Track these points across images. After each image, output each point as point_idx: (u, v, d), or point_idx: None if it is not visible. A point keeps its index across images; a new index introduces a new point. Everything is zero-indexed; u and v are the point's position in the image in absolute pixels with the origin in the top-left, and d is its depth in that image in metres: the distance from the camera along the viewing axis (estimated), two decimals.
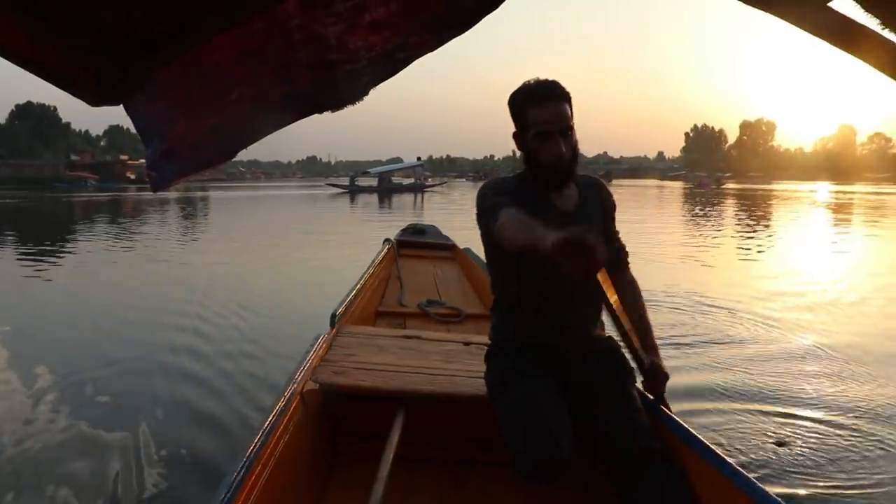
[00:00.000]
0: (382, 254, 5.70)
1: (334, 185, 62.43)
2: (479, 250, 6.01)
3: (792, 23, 1.55)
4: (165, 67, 1.37)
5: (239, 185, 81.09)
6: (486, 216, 2.22)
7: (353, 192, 53.70)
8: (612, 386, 2.27)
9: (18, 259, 13.36)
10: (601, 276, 1.88)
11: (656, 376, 2.30)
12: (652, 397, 2.33)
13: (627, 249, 2.54)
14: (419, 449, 2.56)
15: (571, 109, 2.28)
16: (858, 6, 1.49)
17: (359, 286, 4.24)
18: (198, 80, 1.45)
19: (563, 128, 2.22)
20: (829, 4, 1.52)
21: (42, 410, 4.47)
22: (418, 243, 6.81)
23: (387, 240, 6.40)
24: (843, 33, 1.52)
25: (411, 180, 63.11)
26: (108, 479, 3.51)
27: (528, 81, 2.27)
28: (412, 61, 1.59)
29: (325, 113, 1.60)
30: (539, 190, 2.32)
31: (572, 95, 2.27)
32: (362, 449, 2.53)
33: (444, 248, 6.82)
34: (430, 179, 68.22)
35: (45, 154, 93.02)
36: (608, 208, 2.49)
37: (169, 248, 14.75)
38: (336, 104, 1.56)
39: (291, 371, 2.59)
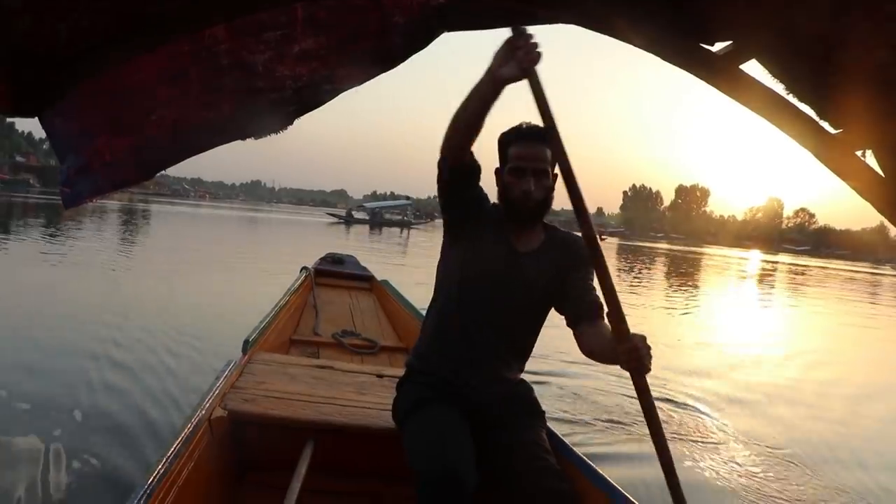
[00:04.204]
0: (299, 281, 5.64)
1: (332, 215, 72.96)
2: (398, 284, 6.14)
3: (703, 79, 1.65)
4: (86, 83, 1.37)
5: (186, 203, 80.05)
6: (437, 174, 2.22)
7: (349, 222, 60.44)
8: (520, 427, 2.28)
9: None
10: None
11: (633, 338, 1.85)
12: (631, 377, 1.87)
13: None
14: (327, 481, 2.52)
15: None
16: (766, 71, 1.59)
17: (273, 313, 4.19)
18: (119, 98, 1.44)
19: (539, 168, 2.22)
20: (741, 67, 1.62)
21: None
22: (336, 273, 6.77)
23: (304, 268, 6.34)
24: (753, 95, 1.62)
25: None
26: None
27: (522, 123, 2.30)
28: (338, 94, 1.61)
29: (248, 140, 1.60)
30: (504, 224, 2.33)
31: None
32: (269, 479, 2.47)
33: (361, 279, 6.78)
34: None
35: None
36: (575, 262, 2.34)
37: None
38: (259, 131, 1.57)
39: (200, 396, 2.54)
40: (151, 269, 13.41)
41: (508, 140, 2.28)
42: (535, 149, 2.24)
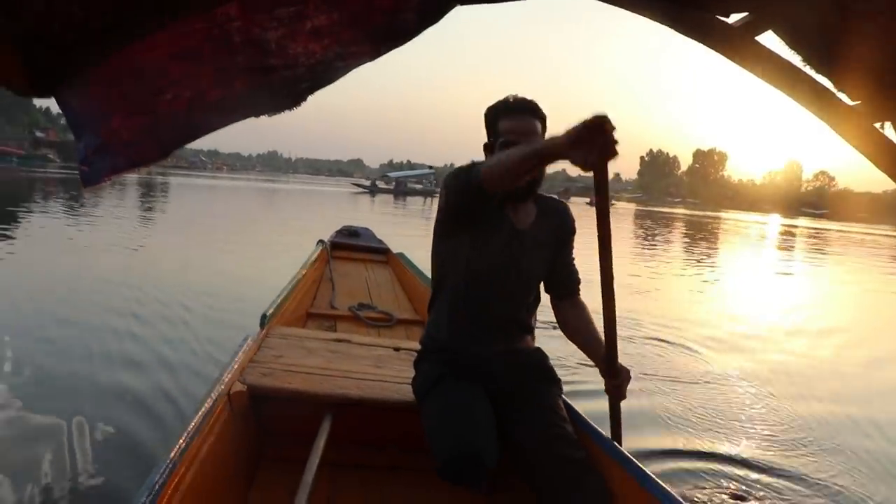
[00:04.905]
0: (315, 255, 5.66)
1: (358, 185, 75.04)
2: (414, 256, 6.14)
3: (719, 51, 1.63)
4: (101, 62, 1.37)
5: (204, 175, 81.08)
6: (463, 173, 2.14)
7: (373, 192, 62.87)
8: (537, 395, 2.32)
9: None
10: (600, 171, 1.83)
11: (620, 374, 2.26)
12: (609, 400, 2.31)
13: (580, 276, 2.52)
14: (345, 453, 2.56)
15: (544, 130, 2.26)
16: (783, 42, 1.58)
17: (290, 287, 4.21)
18: (133, 77, 1.45)
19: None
20: (757, 39, 1.60)
21: None
22: (352, 245, 6.77)
23: (320, 241, 6.35)
24: (769, 67, 1.60)
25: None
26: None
27: (508, 96, 2.31)
28: (350, 70, 1.61)
29: (261, 117, 1.61)
30: (498, 202, 2.31)
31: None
32: (288, 452, 2.51)
33: (377, 252, 6.79)
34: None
35: (6, 129, 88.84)
36: (565, 233, 2.46)
37: None
38: (273, 109, 1.57)
39: (219, 371, 2.57)
40: (172, 242, 13.53)
41: (497, 114, 2.27)
42: (526, 121, 2.24)
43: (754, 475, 4.11)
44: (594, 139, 1.66)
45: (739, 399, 5.63)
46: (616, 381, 2.24)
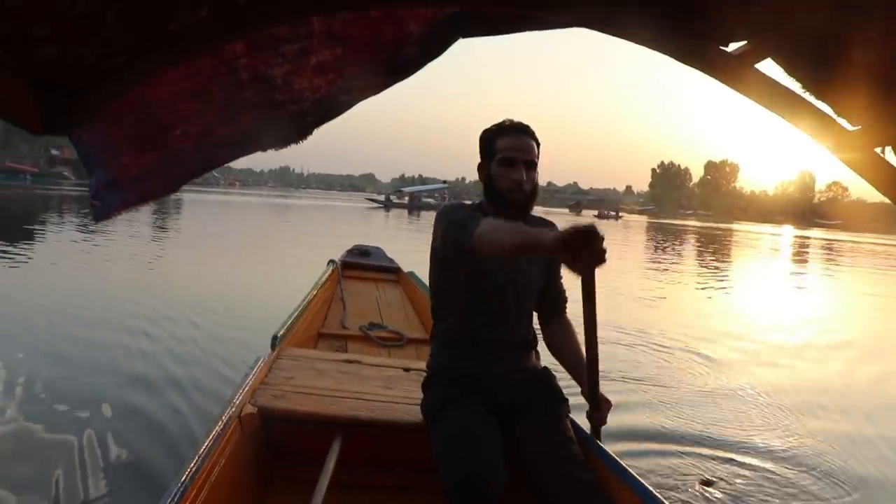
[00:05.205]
0: (326, 275, 5.68)
1: (372, 200, 76.91)
2: (424, 274, 6.09)
3: (718, 79, 1.65)
4: (111, 101, 1.41)
5: (216, 190, 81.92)
6: (457, 227, 2.18)
7: (388, 206, 64.60)
8: (545, 416, 2.33)
9: None
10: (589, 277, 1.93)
11: (602, 405, 2.39)
12: (591, 426, 2.41)
13: (567, 295, 2.61)
14: (355, 474, 2.57)
15: (539, 153, 2.34)
16: (782, 69, 1.59)
17: (301, 307, 4.22)
18: (142, 114, 1.48)
19: (528, 160, 2.28)
20: (756, 66, 1.62)
21: None
22: (362, 265, 6.80)
23: (331, 261, 6.36)
24: (768, 94, 1.61)
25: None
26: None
27: (504, 120, 2.39)
28: (355, 104, 1.64)
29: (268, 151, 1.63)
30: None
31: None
32: (298, 473, 2.52)
33: (388, 271, 6.81)
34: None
35: (23, 147, 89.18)
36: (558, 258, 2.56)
37: None
38: (279, 143, 1.60)
39: (230, 393, 2.58)
40: (184, 257, 13.64)
41: (495, 134, 2.34)
42: (523, 140, 2.31)
43: (728, 460, 4.36)
44: (581, 250, 1.67)
45: (735, 397, 5.76)
46: (598, 411, 2.38)
